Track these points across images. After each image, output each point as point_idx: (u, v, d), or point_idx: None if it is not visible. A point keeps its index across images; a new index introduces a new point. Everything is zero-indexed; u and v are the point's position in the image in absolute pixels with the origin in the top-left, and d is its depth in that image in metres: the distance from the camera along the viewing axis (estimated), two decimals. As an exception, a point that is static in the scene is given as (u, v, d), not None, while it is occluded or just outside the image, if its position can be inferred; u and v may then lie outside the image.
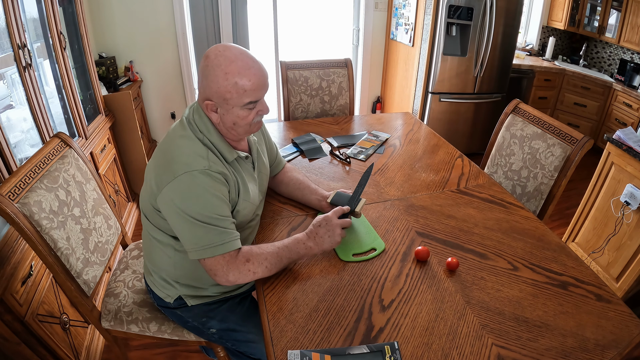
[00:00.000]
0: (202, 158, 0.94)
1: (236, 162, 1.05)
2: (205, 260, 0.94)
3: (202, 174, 0.92)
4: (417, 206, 1.35)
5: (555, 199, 1.49)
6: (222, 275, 0.95)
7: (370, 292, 0.99)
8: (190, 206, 0.91)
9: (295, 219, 1.27)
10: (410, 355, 0.83)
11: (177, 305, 1.16)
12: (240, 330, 1.15)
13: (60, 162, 1.20)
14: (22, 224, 0.98)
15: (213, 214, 0.93)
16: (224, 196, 0.96)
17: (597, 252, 2.00)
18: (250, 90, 0.94)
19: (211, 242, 0.92)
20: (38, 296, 1.29)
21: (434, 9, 2.89)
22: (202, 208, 0.92)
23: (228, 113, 0.96)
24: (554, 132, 1.53)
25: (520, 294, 1.00)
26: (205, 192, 0.92)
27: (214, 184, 0.94)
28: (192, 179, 0.91)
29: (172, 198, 0.92)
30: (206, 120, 1.00)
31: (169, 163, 0.95)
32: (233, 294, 1.20)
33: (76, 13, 2.13)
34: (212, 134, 1.00)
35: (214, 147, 0.99)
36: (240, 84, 0.92)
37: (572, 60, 3.99)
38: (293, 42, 3.93)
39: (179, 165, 0.92)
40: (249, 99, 0.94)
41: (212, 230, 0.92)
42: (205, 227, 0.92)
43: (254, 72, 0.94)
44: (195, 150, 0.95)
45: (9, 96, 1.52)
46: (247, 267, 0.95)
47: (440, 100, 3.16)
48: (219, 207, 0.94)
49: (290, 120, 2.13)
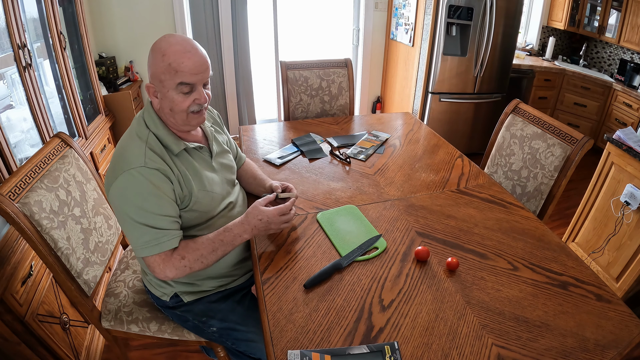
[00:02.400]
0: (139, 155, 0.96)
1: (186, 153, 1.06)
2: (144, 257, 0.97)
3: (138, 172, 0.93)
4: (417, 206, 1.35)
5: (555, 199, 1.49)
6: (159, 272, 0.97)
7: (370, 292, 0.99)
8: (128, 207, 0.94)
9: (295, 219, 1.27)
10: (410, 355, 0.83)
11: (175, 304, 1.16)
12: (241, 329, 1.15)
13: (61, 162, 1.20)
14: (23, 224, 0.98)
15: (150, 213, 0.94)
16: (163, 193, 0.96)
17: (597, 252, 2.00)
18: (183, 72, 0.94)
19: (147, 242, 0.94)
20: (38, 296, 1.29)
21: (434, 9, 2.89)
22: (139, 208, 0.93)
23: (165, 97, 0.97)
24: (554, 132, 1.53)
25: (520, 294, 1.00)
26: (142, 190, 0.94)
27: (151, 180, 0.94)
28: (129, 178, 0.93)
29: (113, 199, 0.96)
30: (153, 114, 1.02)
31: (112, 164, 0.98)
32: (229, 287, 1.21)
33: (76, 13, 2.13)
34: (159, 127, 1.01)
35: (159, 140, 1.01)
36: (173, 65, 0.93)
37: (572, 60, 3.99)
38: (293, 42, 3.92)
39: (119, 165, 0.95)
40: (180, 79, 0.94)
41: (148, 231, 0.94)
42: (141, 228, 0.94)
43: (190, 56, 0.95)
44: (133, 148, 0.97)
45: (9, 96, 1.52)
46: (182, 264, 0.97)
47: (440, 100, 3.16)
48: (156, 206, 0.95)
49: (290, 120, 2.13)
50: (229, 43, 3.15)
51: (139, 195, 0.93)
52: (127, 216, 0.94)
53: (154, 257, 0.96)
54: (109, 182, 0.96)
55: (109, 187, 0.96)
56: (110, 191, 0.95)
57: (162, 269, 0.97)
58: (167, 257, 0.97)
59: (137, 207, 0.93)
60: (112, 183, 0.94)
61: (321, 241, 1.17)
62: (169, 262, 0.97)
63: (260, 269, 1.06)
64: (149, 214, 0.94)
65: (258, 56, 3.44)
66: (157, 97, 1.00)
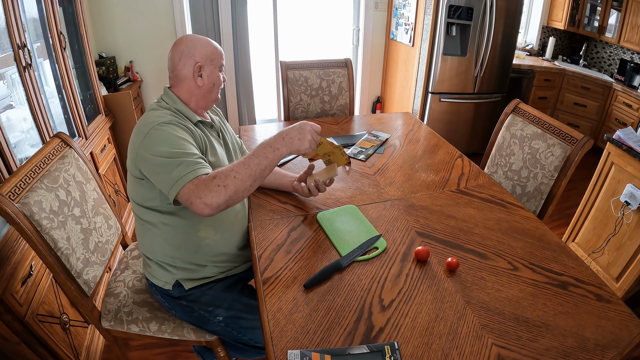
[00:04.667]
0: (163, 116, 1.07)
1: (201, 125, 1.18)
2: (180, 195, 0.95)
3: (166, 124, 1.04)
4: (417, 206, 1.35)
5: (555, 199, 1.49)
6: (197, 202, 0.93)
7: (370, 292, 0.99)
8: (158, 149, 0.99)
9: (295, 219, 1.27)
10: (410, 355, 0.83)
11: (180, 294, 1.17)
12: (247, 317, 1.17)
13: (61, 162, 1.20)
14: (23, 224, 0.98)
15: (179, 150, 1.00)
16: (188, 141, 1.04)
17: (597, 252, 2.00)
18: (221, 56, 1.19)
19: (179, 174, 0.96)
20: (38, 296, 1.29)
21: (434, 9, 2.89)
22: (168, 147, 0.99)
23: (212, 74, 1.16)
24: (554, 132, 1.53)
25: (520, 294, 1.00)
26: (170, 135, 1.02)
27: (178, 130, 1.05)
28: (157, 130, 1.02)
29: (145, 150, 1.01)
30: (172, 95, 1.16)
31: (139, 128, 1.06)
32: (230, 274, 1.23)
33: (76, 13, 2.13)
34: (178, 103, 1.15)
35: (179, 112, 1.13)
36: (218, 50, 1.18)
37: (572, 60, 3.99)
38: (293, 42, 3.92)
39: (146, 126, 1.03)
40: (222, 61, 1.19)
41: (180, 164, 0.97)
42: (173, 162, 0.97)
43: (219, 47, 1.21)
44: (156, 113, 1.09)
45: (9, 96, 1.52)
46: (215, 183, 0.94)
47: (440, 100, 3.16)
48: (184, 146, 1.01)
49: (290, 120, 2.13)
50: (229, 43, 3.15)
51: (167, 140, 1.01)
52: (159, 157, 0.98)
53: (188, 186, 0.94)
54: (136, 143, 1.02)
55: (137, 148, 1.02)
56: (140, 150, 1.01)
57: (197, 196, 0.93)
58: (200, 182, 0.95)
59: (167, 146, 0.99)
60: (141, 142, 1.01)
61: (321, 241, 1.17)
62: (202, 185, 0.94)
63: (261, 269, 1.06)
64: (179, 151, 0.99)
65: (258, 56, 3.44)
66: (200, 77, 1.15)
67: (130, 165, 1.08)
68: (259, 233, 1.20)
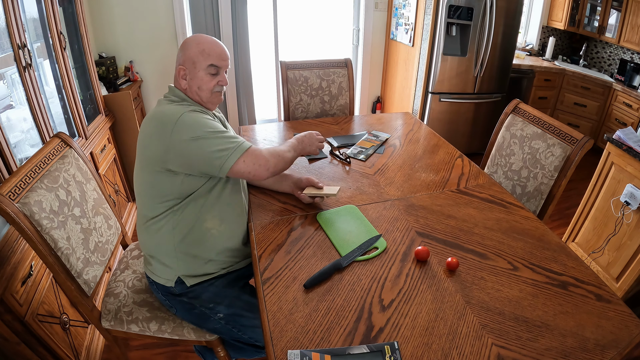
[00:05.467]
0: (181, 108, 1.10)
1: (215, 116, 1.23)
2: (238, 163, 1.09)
3: (192, 112, 1.10)
4: (417, 206, 1.35)
5: (555, 199, 1.49)
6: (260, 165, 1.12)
7: (370, 292, 0.99)
8: (200, 129, 1.07)
9: (295, 219, 1.27)
10: (410, 355, 0.83)
11: (181, 291, 1.17)
12: (247, 315, 1.18)
13: (61, 162, 1.20)
14: (23, 224, 0.98)
15: (217, 130, 1.09)
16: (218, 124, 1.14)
17: (597, 252, 2.00)
18: (213, 56, 1.15)
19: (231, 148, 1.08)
20: (38, 296, 1.29)
21: (434, 9, 2.89)
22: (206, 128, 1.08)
23: (194, 77, 1.15)
24: (554, 132, 1.53)
25: (520, 294, 1.00)
26: (202, 118, 1.10)
27: (205, 116, 1.13)
28: (187, 116, 1.07)
29: (181, 136, 1.05)
30: (179, 93, 1.18)
31: (162, 121, 1.08)
32: (231, 270, 1.24)
33: (76, 13, 2.13)
34: (187, 99, 1.18)
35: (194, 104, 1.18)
36: (207, 50, 1.15)
37: (572, 60, 3.99)
38: (293, 42, 3.91)
39: (173, 116, 1.07)
40: (211, 61, 1.15)
41: (227, 138, 1.09)
42: (220, 139, 1.08)
43: (219, 45, 1.18)
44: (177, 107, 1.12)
45: (9, 96, 1.52)
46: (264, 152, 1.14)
47: (440, 100, 3.16)
48: (219, 127, 1.11)
49: (290, 120, 2.13)
50: (229, 43, 3.15)
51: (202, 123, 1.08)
52: (203, 136, 1.06)
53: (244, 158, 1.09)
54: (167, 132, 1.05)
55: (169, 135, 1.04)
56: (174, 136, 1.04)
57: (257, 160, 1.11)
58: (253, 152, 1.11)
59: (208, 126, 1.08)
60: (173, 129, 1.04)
61: (321, 241, 1.17)
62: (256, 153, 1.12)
63: (260, 269, 1.06)
64: (218, 131, 1.09)
65: (258, 56, 3.44)
66: (185, 80, 1.16)
67: (154, 161, 1.08)
68: (259, 233, 1.20)
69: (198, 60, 1.15)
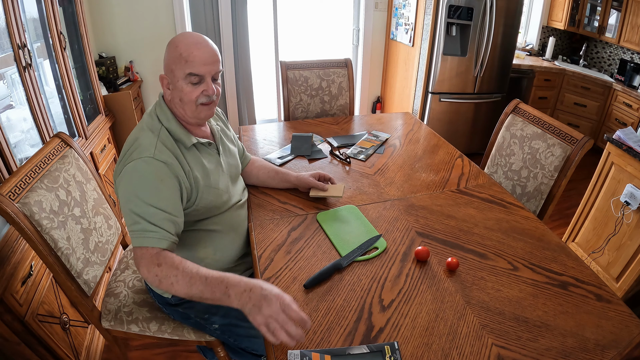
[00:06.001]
0: (150, 146, 0.97)
1: (195, 149, 1.08)
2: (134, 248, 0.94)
3: (145, 161, 0.95)
4: (417, 206, 1.35)
5: (555, 199, 1.49)
6: (136, 264, 0.93)
7: (370, 292, 0.99)
8: (128, 194, 0.94)
9: (295, 219, 1.27)
10: (410, 355, 0.83)
11: (177, 301, 1.16)
12: (243, 325, 1.16)
13: (61, 162, 1.20)
14: (23, 224, 0.98)
15: (146, 203, 0.92)
16: (166, 187, 0.96)
17: (597, 252, 2.00)
18: (192, 62, 0.98)
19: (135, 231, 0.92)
20: (38, 296, 1.29)
21: (434, 9, 2.89)
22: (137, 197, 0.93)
23: (175, 88, 1.01)
24: (554, 132, 1.53)
25: (520, 294, 1.00)
26: (144, 179, 0.94)
27: (156, 171, 0.95)
28: (134, 166, 0.95)
29: (118, 186, 0.97)
30: (166, 108, 1.05)
31: (122, 154, 1.00)
32: None
33: (76, 13, 2.13)
34: (171, 121, 1.04)
35: (172, 134, 1.03)
36: (184, 55, 0.98)
37: (572, 60, 3.99)
38: (293, 42, 3.91)
39: (128, 155, 0.97)
40: (189, 69, 0.98)
41: (139, 221, 0.92)
42: (133, 217, 0.93)
43: (200, 47, 0.99)
44: (144, 139, 0.99)
45: (9, 96, 1.52)
46: (154, 272, 0.89)
47: (440, 100, 3.16)
48: (154, 197, 0.93)
49: (290, 120, 2.13)
50: (229, 43, 3.15)
51: (140, 184, 0.94)
52: (126, 202, 0.94)
53: (137, 249, 0.92)
54: (117, 171, 0.98)
55: (117, 176, 0.98)
56: (117, 180, 0.97)
57: (138, 262, 0.92)
58: (148, 255, 0.91)
59: (135, 196, 0.93)
60: (121, 171, 0.96)
61: (321, 241, 1.17)
62: (146, 260, 0.90)
63: (260, 269, 1.06)
64: (145, 204, 0.92)
65: (258, 56, 3.44)
66: (169, 89, 1.03)
67: None
68: (259, 233, 1.20)
69: (176, 67, 0.99)
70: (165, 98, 1.06)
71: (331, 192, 1.34)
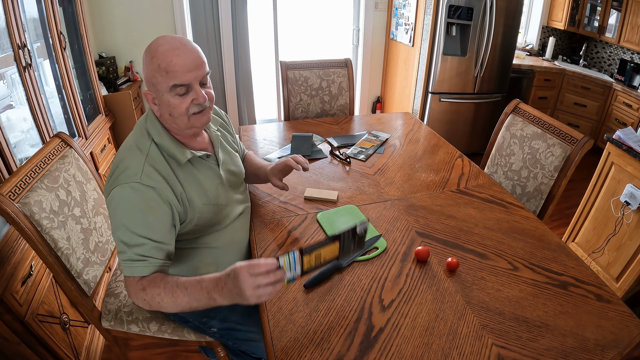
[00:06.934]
0: (137, 170, 0.90)
1: (190, 164, 1.00)
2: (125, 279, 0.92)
3: (131, 187, 0.88)
4: (417, 206, 1.35)
5: (555, 199, 1.49)
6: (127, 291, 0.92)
7: (370, 292, 0.99)
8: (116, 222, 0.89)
9: (295, 219, 1.27)
10: (410, 355, 0.83)
11: None
12: (241, 329, 1.15)
13: (61, 162, 1.20)
14: (23, 224, 0.98)
15: (133, 233, 0.88)
16: (154, 214, 0.90)
17: (597, 252, 2.00)
18: (175, 72, 0.87)
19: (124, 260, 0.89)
20: (38, 296, 1.29)
21: (434, 9, 2.89)
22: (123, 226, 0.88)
23: (162, 103, 0.91)
24: (554, 132, 1.53)
25: (520, 294, 1.00)
26: (131, 208, 0.88)
27: (143, 198, 0.89)
28: (121, 192, 0.88)
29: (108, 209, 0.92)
30: (156, 122, 0.96)
31: (110, 174, 0.93)
32: None
33: (76, 13, 2.13)
34: (163, 136, 0.96)
35: (164, 151, 0.95)
36: (163, 66, 0.86)
37: (572, 60, 3.99)
38: (293, 42, 3.91)
39: (115, 177, 0.90)
40: (173, 81, 0.87)
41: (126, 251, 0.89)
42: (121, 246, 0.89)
43: (179, 53, 0.87)
44: (131, 160, 0.91)
45: (9, 96, 1.52)
46: (142, 296, 0.88)
47: (440, 100, 3.16)
48: (141, 227, 0.88)
49: (290, 120, 2.13)
50: (229, 43, 3.15)
51: (127, 213, 0.88)
52: (115, 230, 0.90)
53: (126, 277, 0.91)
54: (106, 190, 0.93)
55: (106, 195, 0.92)
56: (107, 201, 0.92)
57: (128, 290, 0.91)
58: (134, 282, 0.89)
59: (123, 225, 0.88)
60: (109, 192, 0.90)
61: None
62: (133, 287, 0.89)
63: (260, 269, 1.05)
64: (133, 234, 0.88)
65: (258, 56, 3.44)
66: (155, 105, 0.94)
67: None
68: (259, 233, 1.20)
69: (157, 81, 0.89)
70: (157, 115, 0.97)
71: (325, 195, 1.36)
